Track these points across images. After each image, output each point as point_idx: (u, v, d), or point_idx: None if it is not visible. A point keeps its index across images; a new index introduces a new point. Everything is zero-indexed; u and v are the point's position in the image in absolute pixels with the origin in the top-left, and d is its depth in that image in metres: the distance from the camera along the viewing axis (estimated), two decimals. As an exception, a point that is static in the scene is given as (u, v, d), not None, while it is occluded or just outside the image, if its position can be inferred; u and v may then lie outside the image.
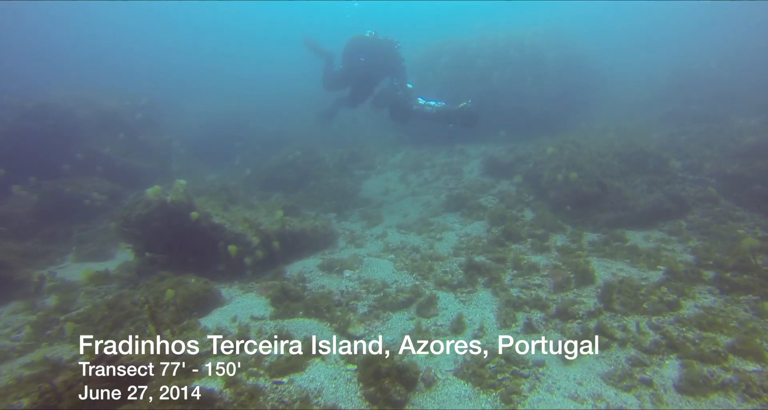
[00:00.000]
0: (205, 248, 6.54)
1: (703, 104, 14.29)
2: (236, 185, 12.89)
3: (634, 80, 19.79)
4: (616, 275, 5.42)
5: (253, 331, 4.70)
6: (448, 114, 8.55)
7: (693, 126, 12.08)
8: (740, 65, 16.75)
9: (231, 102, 21.52)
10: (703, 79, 15.92)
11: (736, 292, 4.86)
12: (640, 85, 18.84)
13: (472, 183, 9.88)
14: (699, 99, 14.72)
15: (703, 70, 16.52)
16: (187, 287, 5.28)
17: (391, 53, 9.30)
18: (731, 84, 15.46)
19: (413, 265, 6.24)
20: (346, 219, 8.97)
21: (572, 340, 4.18)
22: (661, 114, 13.94)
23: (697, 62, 17.45)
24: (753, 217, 7.43)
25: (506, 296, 5.05)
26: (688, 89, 15.70)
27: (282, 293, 5.46)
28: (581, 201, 7.91)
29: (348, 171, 11.74)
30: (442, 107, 8.68)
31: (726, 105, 13.97)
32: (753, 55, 17.44)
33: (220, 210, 7.39)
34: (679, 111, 13.61)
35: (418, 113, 8.86)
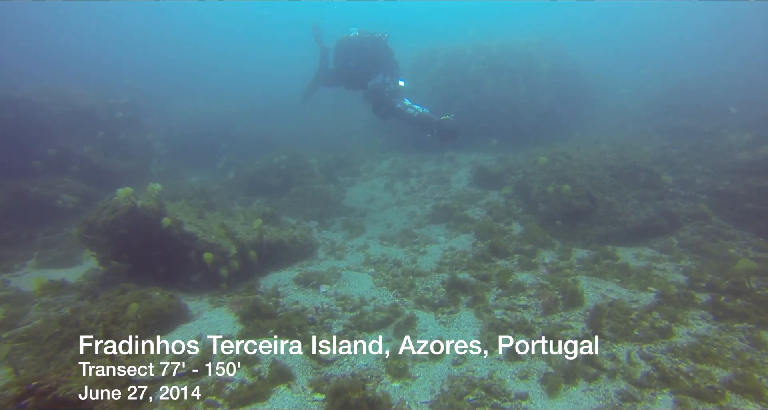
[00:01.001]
0: (176, 258, 6.16)
1: (695, 117, 14.25)
2: (218, 188, 12.52)
3: (627, 92, 19.82)
4: (605, 296, 5.15)
5: (217, 352, 4.34)
6: (427, 122, 8.25)
7: (685, 140, 11.98)
8: (732, 81, 16.80)
9: (219, 102, 21.08)
10: (695, 93, 15.93)
11: (731, 319, 4.62)
12: (633, 97, 18.85)
13: (460, 193, 9.61)
14: (691, 113, 14.70)
15: (696, 85, 16.55)
16: (150, 301, 4.90)
17: (380, 52, 9.05)
18: (722, 99, 15.47)
19: (394, 281, 5.92)
20: (327, 228, 8.63)
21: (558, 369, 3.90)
22: (653, 127, 13.87)
23: (689, 76, 17.49)
24: (744, 236, 7.27)
25: (490, 319, 4.75)
26: (680, 103, 15.69)
27: (253, 309, 5.10)
28: (571, 215, 7.68)
29: (333, 178, 11.40)
30: (424, 114, 8.38)
31: (717, 120, 13.94)
32: (744, 69, 17.50)
33: (195, 217, 7.02)
34: (671, 125, 13.54)
35: (400, 112, 8.62)
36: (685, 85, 16.81)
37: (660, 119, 14.64)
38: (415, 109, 8.54)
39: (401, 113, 8.66)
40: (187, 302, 5.68)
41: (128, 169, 11.32)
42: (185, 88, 23.60)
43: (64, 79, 15.15)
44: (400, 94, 8.83)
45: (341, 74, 9.47)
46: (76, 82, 13.83)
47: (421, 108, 8.55)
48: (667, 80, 17.82)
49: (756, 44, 18.89)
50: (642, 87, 18.90)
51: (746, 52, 18.15)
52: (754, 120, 13.32)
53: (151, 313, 4.75)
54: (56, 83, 12.40)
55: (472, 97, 15.02)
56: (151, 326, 4.63)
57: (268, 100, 23.72)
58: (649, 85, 18.67)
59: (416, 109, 8.53)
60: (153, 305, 4.87)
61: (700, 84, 16.59)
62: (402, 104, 8.69)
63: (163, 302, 4.93)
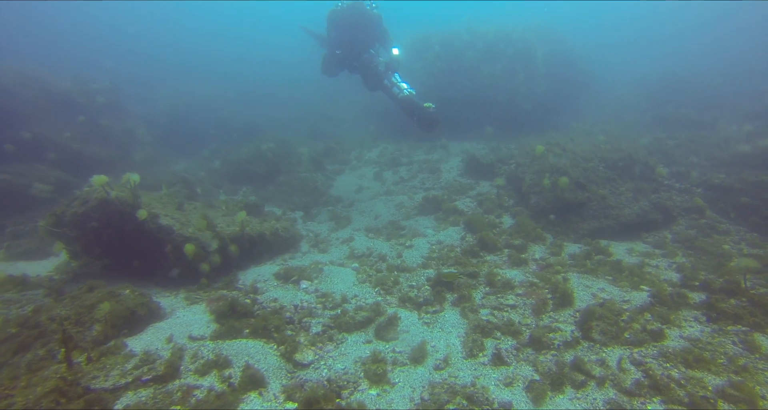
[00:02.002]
0: (152, 252, 5.87)
1: (692, 107, 14.01)
2: (204, 176, 12.15)
3: (625, 80, 19.49)
4: (596, 296, 4.96)
5: (187, 355, 4.11)
6: (409, 106, 7.89)
7: (681, 131, 11.75)
8: (731, 71, 16.50)
9: (208, 88, 20.51)
10: (693, 84, 15.65)
11: (724, 321, 4.45)
12: (630, 86, 18.53)
13: (450, 183, 9.35)
14: (688, 102, 14.44)
15: (694, 75, 16.25)
16: (119, 300, 4.62)
17: (368, 22, 8.56)
18: (720, 89, 15.21)
19: (378, 277, 5.69)
20: (313, 219, 8.35)
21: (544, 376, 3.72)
22: (650, 117, 13.61)
23: (688, 65, 17.17)
24: (738, 230, 7.10)
25: (475, 320, 4.55)
26: (677, 92, 15.42)
27: (229, 308, 4.86)
28: (563, 208, 7.46)
29: (321, 166, 11.08)
30: (408, 97, 7.99)
31: (714, 110, 13.71)
32: (743, 61, 17.20)
33: (173, 209, 6.70)
34: (667, 114, 13.28)
35: (387, 89, 8.25)
36: (682, 75, 16.51)
37: (657, 109, 14.37)
38: (401, 88, 8.12)
39: (387, 91, 8.26)
40: (161, 298, 5.43)
41: (109, 156, 10.90)
42: (173, 74, 22.88)
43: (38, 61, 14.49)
44: (392, 66, 8.36)
45: (334, 56, 8.90)
46: (52, 64, 13.24)
47: (408, 88, 8.14)
48: (665, 71, 17.49)
49: (754, 36, 18.52)
50: (640, 77, 18.55)
51: (744, 44, 17.79)
52: (754, 110, 13.10)
53: (119, 313, 4.49)
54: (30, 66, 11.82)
55: (468, 84, 14.64)
56: (119, 326, 4.38)
57: (258, 87, 23.15)
58: (647, 75, 18.31)
59: (402, 88, 8.12)
60: (122, 304, 4.60)
61: (698, 74, 16.29)
62: (389, 81, 8.27)
63: (134, 301, 4.67)
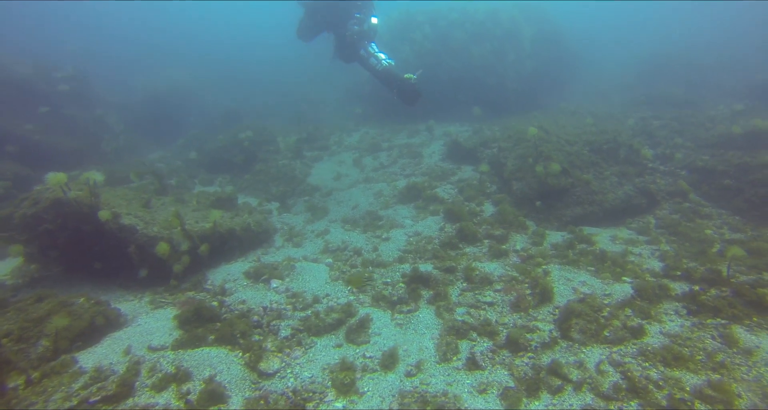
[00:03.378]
0: (115, 253, 5.55)
1: (680, 85, 13.77)
2: (180, 166, 11.73)
3: (614, 59, 19.12)
4: (577, 291, 4.79)
5: (145, 369, 3.86)
6: (388, 78, 7.29)
7: (668, 110, 11.53)
8: (720, 49, 16.22)
9: (186, 73, 19.64)
10: (682, 62, 15.37)
11: (704, 314, 4.32)
12: (620, 64, 18.18)
13: (431, 169, 9.06)
14: (676, 81, 14.21)
15: (681, 54, 15.94)
16: (71, 311, 4.33)
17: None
18: (708, 67, 14.96)
19: (351, 273, 5.46)
20: (289, 210, 8.04)
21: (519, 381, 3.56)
22: (637, 95, 13.34)
23: (678, 43, 16.83)
24: (720, 214, 6.99)
25: (450, 321, 4.35)
26: (666, 71, 15.16)
27: (194, 313, 4.60)
28: (546, 194, 7.23)
29: (300, 153, 10.69)
30: (386, 68, 7.36)
31: (701, 89, 13.50)
32: (731, 38, 16.88)
33: (139, 206, 6.32)
34: (655, 93, 13.03)
35: (363, 60, 7.61)
36: (672, 54, 16.20)
37: (645, 87, 14.11)
38: (379, 59, 7.45)
39: (363, 62, 7.60)
40: (123, 303, 5.15)
41: (75, 147, 10.37)
42: (149, 58, 21.81)
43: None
44: (369, 35, 7.69)
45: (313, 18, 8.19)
46: (9, 48, 12.39)
47: (387, 59, 7.50)
48: (655, 49, 17.15)
49: (743, 12, 18.09)
50: (628, 55, 18.18)
51: (733, 22, 17.40)
52: (740, 89, 12.91)
53: (72, 326, 4.19)
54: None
55: (456, 65, 14.17)
56: (72, 340, 4.09)
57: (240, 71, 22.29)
58: (637, 53, 17.95)
59: (380, 59, 7.45)
60: (75, 315, 4.31)
61: (687, 52, 15.99)
62: (366, 51, 7.58)
63: (89, 310, 4.38)
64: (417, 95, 7.22)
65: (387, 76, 7.35)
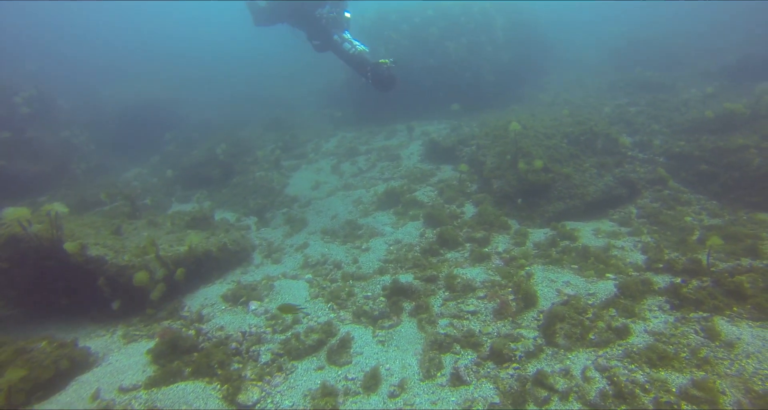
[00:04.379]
0: (83, 287, 5.31)
1: (652, 68, 13.83)
2: (156, 184, 11.44)
3: (590, 43, 19.17)
4: (561, 292, 4.70)
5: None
6: (361, 63, 6.96)
7: (643, 94, 11.57)
8: (692, 29, 16.34)
9: (159, 86, 19.10)
10: (652, 45, 15.46)
11: (687, 307, 4.28)
12: (596, 48, 18.22)
13: (411, 171, 8.93)
14: (647, 64, 14.27)
15: (652, 36, 16.03)
16: (29, 358, 4.08)
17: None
18: (681, 48, 15.07)
19: (331, 289, 5.32)
20: (267, 224, 7.86)
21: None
22: (613, 81, 13.36)
23: (646, 27, 16.92)
24: (699, 200, 7.00)
25: (433, 334, 4.23)
26: (640, 54, 15.23)
27: (169, 346, 4.42)
28: (528, 191, 7.16)
29: (277, 163, 10.49)
30: (359, 53, 7.04)
31: (675, 70, 13.58)
32: (703, 18, 17.02)
33: (108, 234, 6.09)
34: (630, 78, 13.06)
35: (336, 46, 7.30)
36: (645, 36, 16.29)
37: (620, 72, 14.16)
38: (354, 45, 7.13)
39: (337, 48, 7.27)
40: (94, 340, 4.94)
41: (42, 172, 10.02)
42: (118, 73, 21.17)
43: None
44: (340, 24, 7.43)
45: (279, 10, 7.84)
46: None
47: (361, 45, 7.17)
48: (628, 32, 17.23)
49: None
50: (606, 39, 18.24)
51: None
52: (712, 70, 13.01)
53: (28, 377, 3.90)
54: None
55: (432, 62, 14.03)
56: (29, 392, 3.85)
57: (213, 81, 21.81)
58: (612, 37, 18.00)
59: (355, 45, 7.13)
60: (35, 363, 4.06)
61: (660, 35, 16.09)
62: (340, 36, 7.27)
63: (52, 354, 4.16)
64: (392, 81, 6.80)
65: (360, 62, 7.00)
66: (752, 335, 3.81)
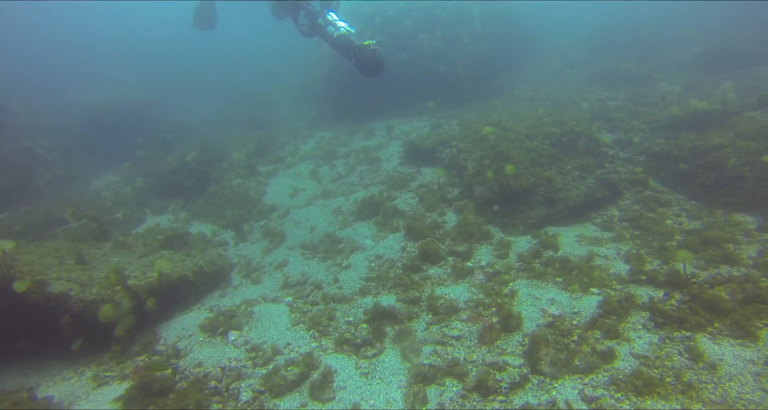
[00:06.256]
0: (44, 326, 5.01)
1: (628, 58, 13.80)
2: (129, 193, 10.98)
3: (569, 31, 19.02)
4: (545, 312, 4.64)
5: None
6: (345, 46, 6.37)
7: (621, 86, 11.54)
8: (663, 16, 16.33)
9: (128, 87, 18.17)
10: (629, 34, 15.42)
11: (670, 326, 4.27)
12: (574, 37, 18.08)
13: (390, 176, 8.74)
14: (625, 54, 14.24)
15: (628, 24, 15.98)
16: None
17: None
18: (654, 37, 15.06)
19: (312, 314, 5.16)
20: (245, 239, 7.61)
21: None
22: (591, 73, 13.29)
23: (621, 16, 16.83)
24: (678, 200, 7.02)
25: (417, 365, 4.13)
26: (614, 44, 15.19)
27: (142, 389, 4.21)
28: (510, 197, 7.06)
29: (254, 169, 10.16)
30: (344, 35, 6.44)
31: (650, 61, 13.57)
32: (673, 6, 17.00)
33: (72, 263, 5.76)
34: (607, 70, 13.01)
35: (320, 29, 6.71)
36: (618, 25, 16.23)
37: (598, 63, 14.10)
38: (338, 27, 6.53)
39: (321, 31, 6.68)
40: (59, 384, 4.66)
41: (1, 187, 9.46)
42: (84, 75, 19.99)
43: None
44: (327, 5, 6.90)
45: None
46: None
47: (347, 26, 6.57)
48: (601, 21, 17.13)
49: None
50: (583, 27, 18.11)
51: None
52: (686, 59, 13.05)
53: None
54: None
55: (406, 57, 13.70)
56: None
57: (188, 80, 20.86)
58: (588, 25, 17.87)
59: (339, 26, 6.53)
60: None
61: (633, 23, 16.04)
62: (324, 19, 6.68)
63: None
64: (378, 64, 6.14)
65: (344, 44, 6.41)
66: (734, 355, 3.82)
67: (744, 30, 13.42)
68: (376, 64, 6.08)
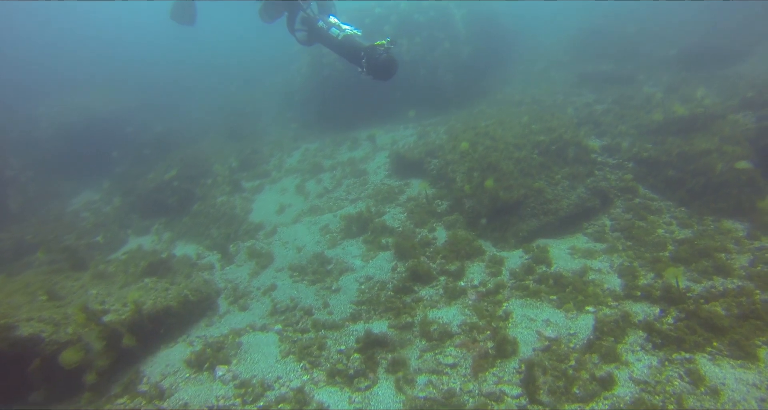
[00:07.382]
0: (11, 372, 4.74)
1: (611, 60, 13.86)
2: (109, 213, 10.66)
3: (553, 31, 19.05)
4: (541, 335, 4.54)
5: None
6: (353, 48, 5.73)
7: (607, 89, 11.54)
8: (641, 15, 16.43)
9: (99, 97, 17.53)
10: (609, 34, 15.49)
11: (669, 347, 4.19)
12: (559, 37, 18.09)
13: (378, 189, 8.58)
14: (607, 55, 14.30)
15: (610, 25, 16.04)
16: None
17: None
18: (633, 37, 15.14)
19: (302, 342, 4.99)
20: (231, 261, 7.39)
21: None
22: (576, 74, 13.28)
23: (603, 17, 16.87)
24: (668, 207, 6.98)
25: (412, 399, 3.99)
26: (595, 45, 15.25)
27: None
28: (501, 209, 6.96)
29: (238, 185, 9.93)
30: (350, 37, 5.81)
31: (631, 61, 13.65)
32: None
33: (45, 301, 5.49)
34: (590, 71, 13.02)
35: (322, 33, 6.12)
36: (598, 25, 16.31)
37: (581, 65, 14.10)
38: (342, 30, 5.93)
39: (323, 35, 6.10)
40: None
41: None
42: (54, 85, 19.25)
43: None
44: (325, 8, 6.42)
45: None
46: None
47: (351, 28, 5.98)
48: (582, 22, 17.19)
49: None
50: (562, 30, 18.15)
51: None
52: (667, 57, 13.13)
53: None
54: None
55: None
56: None
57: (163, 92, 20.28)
58: (570, 25, 17.92)
59: (343, 29, 5.94)
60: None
61: (612, 23, 16.12)
62: (325, 22, 6.13)
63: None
64: (391, 65, 5.52)
65: (351, 47, 5.78)
66: (735, 378, 3.74)
67: (722, 27, 13.56)
68: (389, 64, 5.50)
